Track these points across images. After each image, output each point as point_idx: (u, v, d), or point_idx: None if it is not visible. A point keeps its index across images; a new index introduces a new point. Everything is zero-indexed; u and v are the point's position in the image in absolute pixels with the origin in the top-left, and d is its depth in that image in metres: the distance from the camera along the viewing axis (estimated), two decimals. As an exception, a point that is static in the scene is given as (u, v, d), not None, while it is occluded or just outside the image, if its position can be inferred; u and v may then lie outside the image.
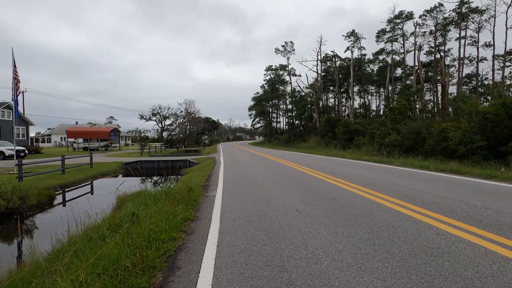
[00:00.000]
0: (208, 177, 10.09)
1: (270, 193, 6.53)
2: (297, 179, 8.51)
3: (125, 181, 14.08)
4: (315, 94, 38.87)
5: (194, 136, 71.69)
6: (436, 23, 45.08)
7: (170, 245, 3.63)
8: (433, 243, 3.26)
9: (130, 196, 8.47)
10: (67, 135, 40.90)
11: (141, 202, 5.81)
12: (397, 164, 11.49)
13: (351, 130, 25.54)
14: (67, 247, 3.74)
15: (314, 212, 4.77)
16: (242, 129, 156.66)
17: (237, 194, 6.60)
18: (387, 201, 5.32)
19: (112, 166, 18.31)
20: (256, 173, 10.21)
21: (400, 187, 6.67)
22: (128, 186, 12.77)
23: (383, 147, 18.36)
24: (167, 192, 6.65)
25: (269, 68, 53.77)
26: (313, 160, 14.64)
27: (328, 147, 27.01)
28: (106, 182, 14.70)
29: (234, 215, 4.83)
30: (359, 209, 4.85)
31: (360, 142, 23.23)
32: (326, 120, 30.83)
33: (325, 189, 6.78)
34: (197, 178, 10.27)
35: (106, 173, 16.33)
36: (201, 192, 7.17)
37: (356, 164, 12.06)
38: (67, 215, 5.09)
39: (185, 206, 5.56)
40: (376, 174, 8.98)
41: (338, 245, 3.31)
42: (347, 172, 9.69)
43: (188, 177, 11.25)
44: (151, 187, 8.10)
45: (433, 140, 15.10)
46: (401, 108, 20.05)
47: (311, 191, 6.56)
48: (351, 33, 48.47)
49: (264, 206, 5.36)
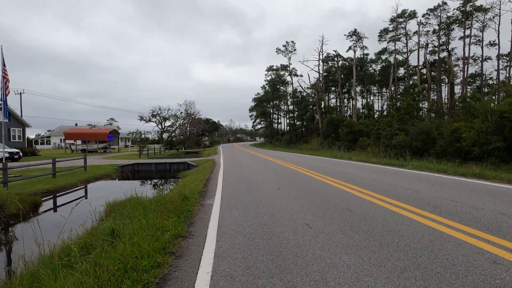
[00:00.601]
0: (206, 182, 9.33)
1: (274, 202, 5.77)
2: (303, 184, 7.75)
3: (119, 186, 13.34)
4: (317, 94, 38.10)
5: (194, 137, 71.02)
6: (440, 22, 44.42)
7: (152, 274, 2.88)
8: (494, 277, 2.49)
9: (120, 203, 7.74)
10: (65, 137, 40.21)
11: (126, 214, 5.07)
12: (409, 167, 10.71)
13: (355, 131, 24.77)
14: (19, 280, 2.98)
15: (328, 228, 4.01)
16: (242, 130, 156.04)
17: (237, 203, 5.85)
18: (412, 213, 4.55)
19: (108, 169, 17.58)
20: (258, 177, 9.46)
21: (422, 195, 5.90)
22: (121, 191, 12.01)
23: (390, 149, 17.59)
24: (158, 201, 5.91)
25: (270, 68, 53.04)
26: (318, 163, 13.88)
27: (332, 148, 26.24)
28: (98, 186, 13.96)
29: (233, 231, 4.07)
30: (382, 224, 4.09)
31: (365, 143, 22.46)
32: (329, 120, 30.06)
33: (337, 197, 6.02)
34: (194, 182, 9.52)
35: (100, 177, 15.59)
36: (197, 200, 6.42)
37: (365, 167, 11.29)
38: (42, 229, 4.34)
39: (177, 218, 4.81)
40: (391, 178, 8.21)
41: (367, 278, 2.55)
42: (358, 176, 8.92)
43: (185, 182, 10.50)
44: (144, 193, 7.38)
45: (444, 141, 14.33)
46: (408, 108, 19.28)
47: (322, 200, 5.80)
48: (353, 32, 47.77)
49: (269, 219, 4.61)
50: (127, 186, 14.38)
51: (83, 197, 11.74)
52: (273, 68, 52.35)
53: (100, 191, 12.75)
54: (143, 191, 7.93)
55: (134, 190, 8.14)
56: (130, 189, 9.21)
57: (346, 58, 43.88)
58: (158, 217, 4.85)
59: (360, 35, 48.25)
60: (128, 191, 8.60)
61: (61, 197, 11.40)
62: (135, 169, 18.77)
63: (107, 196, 10.41)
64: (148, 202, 6.08)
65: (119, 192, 11.35)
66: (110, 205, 7.82)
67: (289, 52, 48.38)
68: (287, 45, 48.10)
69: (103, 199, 9.18)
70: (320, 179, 8.62)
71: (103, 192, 12.16)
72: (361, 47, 49.76)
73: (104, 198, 9.33)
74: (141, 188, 12.87)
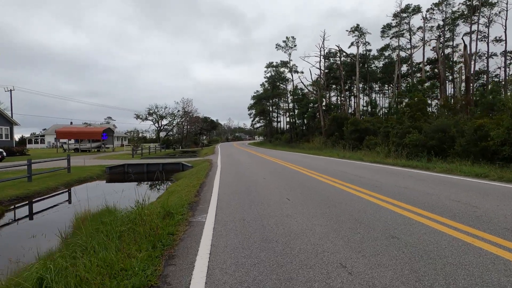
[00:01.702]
0: (199, 188, 7.87)
1: (286, 222, 4.32)
2: (319, 193, 6.30)
3: (102, 190, 11.87)
4: (319, 91, 36.63)
5: (192, 136, 69.50)
6: (445, 17, 43.08)
7: None
8: None
9: (92, 216, 6.34)
10: (56, 136, 38.59)
11: (80, 243, 3.61)
12: (437, 170, 9.23)
13: (361, 129, 23.36)
14: None
15: (379, 276, 2.56)
16: (241, 129, 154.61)
17: (236, 222, 4.40)
18: (495, 246, 3.13)
19: (94, 170, 16.08)
20: (261, 182, 8.01)
21: (489, 213, 4.46)
22: (102, 197, 10.56)
23: (402, 148, 16.20)
24: (133, 220, 4.46)
25: (270, 64, 51.45)
26: (328, 164, 12.43)
27: (336, 147, 24.84)
28: (80, 190, 12.46)
29: (231, 278, 2.63)
30: (464, 267, 2.65)
31: (372, 142, 21.06)
32: (332, 118, 28.60)
33: (370, 215, 4.56)
34: (185, 189, 8.06)
35: (85, 179, 14.09)
36: (184, 216, 4.96)
37: (384, 170, 9.85)
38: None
39: (152, 250, 3.36)
40: (423, 185, 6.78)
41: None
42: (381, 182, 7.49)
43: (175, 187, 9.04)
44: (127, 200, 5.92)
45: (466, 140, 12.94)
46: (419, 104, 17.88)
47: (352, 220, 4.33)
48: (355, 28, 46.37)
49: (282, 250, 3.17)
50: (111, 190, 12.89)
51: (55, 205, 10.22)
52: (272, 64, 50.78)
53: (79, 197, 11.26)
54: (126, 198, 6.51)
55: (114, 198, 6.70)
56: (113, 193, 7.71)
57: (348, 54, 42.45)
58: (124, 248, 3.40)
59: (362, 31, 46.88)
60: (110, 197, 7.15)
61: (35, 204, 9.92)
62: (124, 170, 17.28)
63: (84, 204, 8.95)
64: (121, 220, 4.64)
65: (99, 199, 9.85)
66: (79, 218, 6.35)
67: (289, 48, 46.88)
68: (287, 41, 46.57)
69: (78, 207, 7.73)
70: (337, 185, 7.18)
71: (82, 198, 10.67)
72: (364, 43, 48.44)
73: (80, 206, 7.88)
74: (126, 192, 11.36)
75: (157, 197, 8.69)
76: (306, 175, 9.07)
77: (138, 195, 5.70)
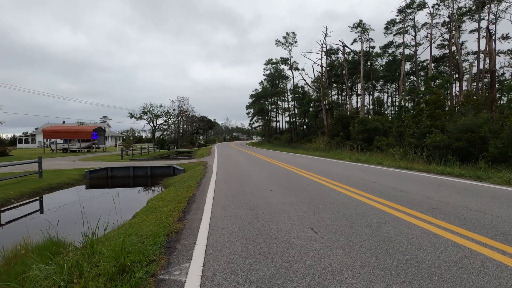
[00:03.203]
0: (186, 206, 5.93)
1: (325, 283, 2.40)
2: (361, 221, 4.37)
3: (72, 202, 9.89)
4: (321, 88, 34.75)
5: (188, 136, 67.43)
6: (452, 13, 41.49)
7: None
8: None
9: (28, 251, 4.42)
10: (43, 135, 36.37)
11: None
12: (494, 181, 7.27)
13: (370, 129, 21.51)
14: None
15: None
16: (239, 129, 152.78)
17: (238, 279, 2.48)
18: None
19: (72, 175, 14.05)
20: (269, 200, 6.08)
21: None
22: (65, 213, 8.58)
23: (421, 150, 14.37)
24: (70, 272, 2.53)
25: (269, 61, 49.35)
26: (346, 171, 10.46)
27: (342, 148, 22.98)
28: (46, 201, 10.46)
29: None
30: None
31: (382, 143, 19.22)
32: (337, 117, 26.70)
33: (433, 255, 2.67)
34: (168, 206, 6.11)
35: (58, 186, 12.09)
36: (152, 270, 3.01)
37: (420, 180, 7.93)
38: None
39: None
40: (499, 208, 4.91)
41: None
42: (433, 200, 5.60)
43: (156, 202, 7.08)
44: (93, 219, 4.00)
45: (501, 141, 11.14)
46: (439, 101, 16.06)
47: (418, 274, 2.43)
48: (358, 24, 44.69)
49: None
50: (86, 199, 10.78)
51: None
52: (272, 61, 48.69)
53: (38, 211, 9.25)
54: (94, 214, 4.63)
55: (82, 213, 4.79)
56: (84, 204, 5.74)
57: (352, 50, 40.70)
58: None
59: (365, 27, 45.17)
60: (76, 213, 5.15)
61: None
62: (107, 174, 15.27)
63: (34, 226, 7.01)
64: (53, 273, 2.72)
65: (60, 216, 7.92)
66: (8, 256, 4.40)
67: (289, 44, 44.96)
68: (287, 37, 44.65)
69: (22, 231, 5.80)
70: (371, 203, 5.28)
71: (45, 212, 8.71)
72: (367, 40, 46.66)
73: (26, 228, 5.98)
74: (101, 203, 9.40)
75: (134, 215, 6.74)
76: (328, 187, 7.15)
77: (108, 213, 3.86)
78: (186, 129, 65.83)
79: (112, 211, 4.31)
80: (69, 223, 6.81)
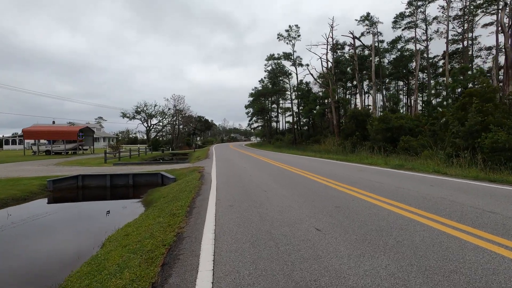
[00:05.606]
0: (160, 271, 2.84)
1: None
2: None
3: (9, 229, 6.69)
4: (330, 83, 31.79)
5: (184, 137, 64.23)
6: (464, 5, 38.90)
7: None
8: None
9: None
10: (24, 136, 33.06)
11: None
12: None
13: (393, 128, 18.55)
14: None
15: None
16: (237, 129, 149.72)
17: None
18: None
19: (30, 185, 10.91)
20: (321, 247, 3.03)
21: None
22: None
23: (471, 153, 11.42)
24: None
25: (271, 57, 46.18)
26: (412, 185, 7.47)
27: (358, 150, 20.01)
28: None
29: None
30: None
31: (411, 144, 16.24)
32: (351, 115, 23.72)
33: None
34: (134, 259, 3.02)
35: (2, 202, 8.94)
36: None
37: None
38: None
39: None
40: None
41: None
42: None
43: (108, 255, 3.98)
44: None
45: None
46: (488, 93, 13.17)
47: None
48: (366, 17, 41.95)
49: None
50: (33, 225, 7.78)
51: None
52: (274, 56, 45.54)
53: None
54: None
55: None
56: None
57: (363, 43, 37.88)
58: None
59: (374, 20, 42.43)
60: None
61: None
62: (78, 184, 12.12)
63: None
64: None
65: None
66: None
67: (292, 39, 42.01)
68: (290, 30, 41.68)
69: None
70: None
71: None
72: (374, 34, 43.90)
73: None
74: (56, 228, 6.25)
75: (90, 258, 3.64)
76: (376, 205, 4.11)
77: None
78: (182, 129, 62.62)
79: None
80: None
